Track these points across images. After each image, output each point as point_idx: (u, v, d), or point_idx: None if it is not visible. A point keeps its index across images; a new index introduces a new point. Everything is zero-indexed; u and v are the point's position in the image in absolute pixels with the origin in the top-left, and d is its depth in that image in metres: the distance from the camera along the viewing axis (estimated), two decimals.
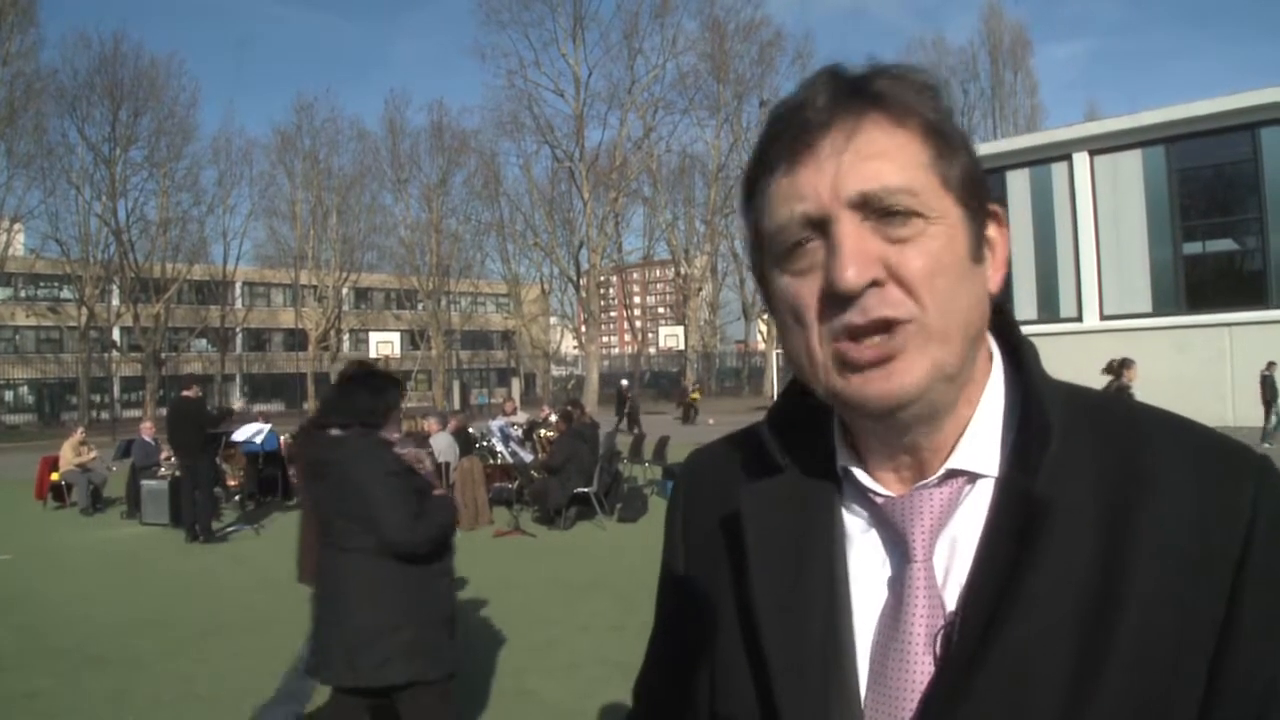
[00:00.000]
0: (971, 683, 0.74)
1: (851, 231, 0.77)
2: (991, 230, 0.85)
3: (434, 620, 3.85)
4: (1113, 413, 0.84)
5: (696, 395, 37.70)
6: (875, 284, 0.76)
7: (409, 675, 3.71)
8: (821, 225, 0.78)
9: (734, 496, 0.94)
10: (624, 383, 34.47)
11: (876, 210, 0.77)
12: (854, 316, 0.76)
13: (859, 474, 0.87)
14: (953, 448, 0.83)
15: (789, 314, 0.83)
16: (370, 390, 3.92)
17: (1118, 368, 9.94)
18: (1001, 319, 0.90)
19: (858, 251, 0.76)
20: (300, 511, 5.18)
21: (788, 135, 0.81)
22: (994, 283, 0.85)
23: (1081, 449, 0.79)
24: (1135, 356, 10.13)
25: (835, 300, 0.77)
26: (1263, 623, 0.73)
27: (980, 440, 0.83)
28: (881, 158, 0.78)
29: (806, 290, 0.80)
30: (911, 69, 0.84)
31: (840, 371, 0.79)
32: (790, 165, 0.80)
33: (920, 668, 0.79)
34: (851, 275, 0.75)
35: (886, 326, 0.76)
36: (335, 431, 3.84)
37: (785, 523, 0.89)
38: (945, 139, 0.81)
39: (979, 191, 0.82)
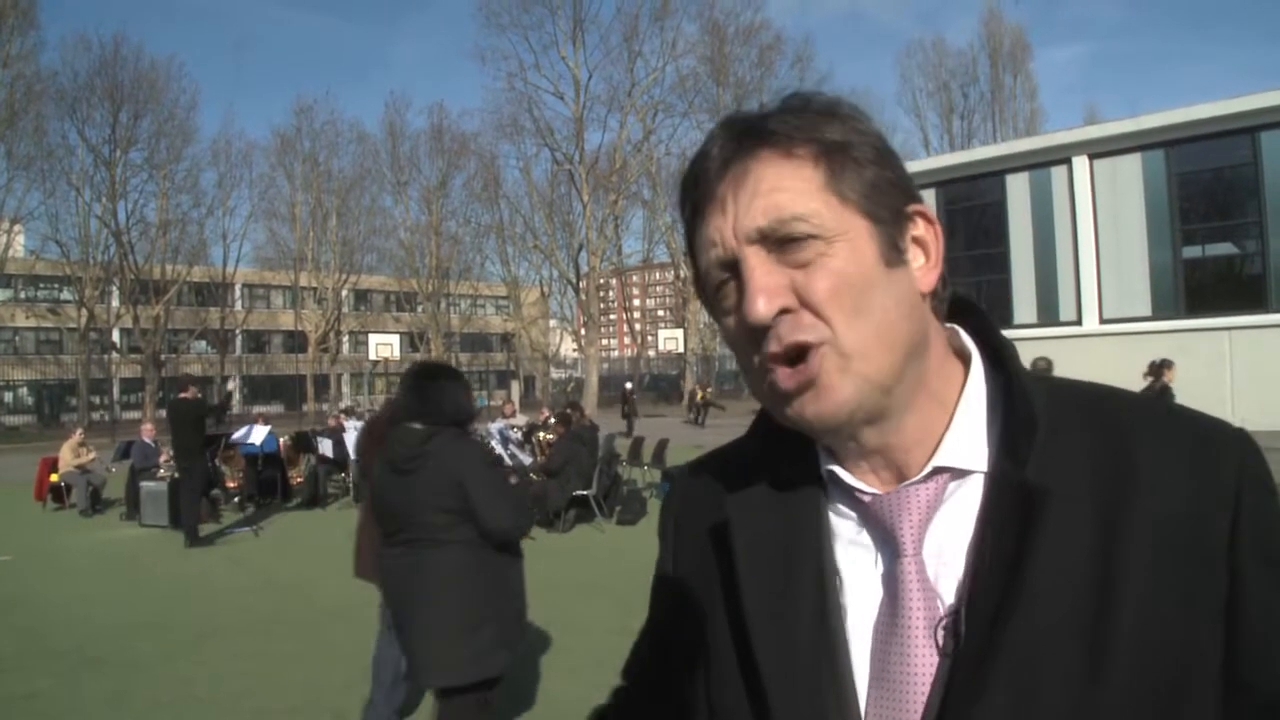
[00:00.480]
0: (985, 674, 0.75)
1: (756, 266, 0.81)
2: (919, 230, 0.87)
3: (513, 611, 3.89)
4: (1096, 401, 0.86)
5: (710, 398, 36.36)
6: (786, 311, 0.80)
7: (499, 668, 3.74)
8: (733, 266, 0.83)
9: (723, 506, 0.95)
10: (628, 385, 34.55)
11: (776, 241, 0.81)
12: (771, 345, 0.81)
13: (844, 475, 0.88)
14: (936, 445, 0.85)
15: (733, 349, 0.87)
16: (460, 387, 3.99)
17: (1158, 368, 9.93)
18: (977, 319, 0.92)
19: (763, 285, 0.80)
20: (361, 508, 5.32)
21: (695, 190, 0.87)
22: (925, 283, 0.87)
23: (1070, 439, 0.81)
24: (1135, 360, 10.14)
25: (756, 333, 0.81)
26: (1265, 594, 0.76)
27: (965, 437, 0.85)
28: (773, 192, 0.82)
29: (736, 327, 0.84)
30: (814, 96, 0.87)
31: (779, 401, 0.83)
32: (702, 216, 0.86)
33: (922, 660, 0.80)
34: (759, 307, 0.80)
35: (803, 351, 0.80)
36: (420, 426, 3.82)
37: (772, 528, 0.91)
38: (842, 155, 0.83)
39: (888, 199, 0.84)
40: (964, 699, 0.75)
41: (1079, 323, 21.23)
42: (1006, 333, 0.89)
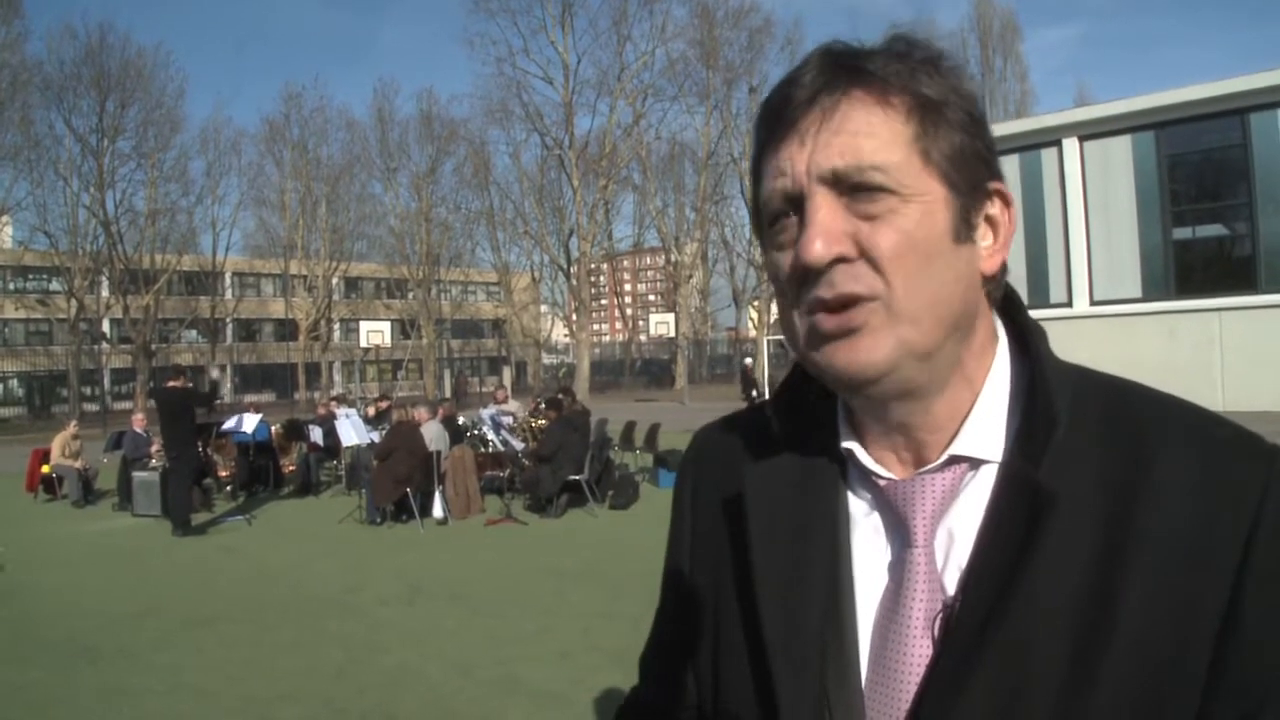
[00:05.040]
0: (972, 668, 0.74)
1: (822, 206, 0.78)
2: (994, 209, 0.84)
3: None
4: (1123, 399, 0.82)
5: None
6: (843, 260, 0.77)
7: None
8: (798, 201, 0.79)
9: (739, 477, 0.94)
10: (747, 361, 33.87)
11: (848, 186, 0.77)
12: (822, 291, 0.78)
13: (861, 456, 0.87)
14: (955, 432, 0.83)
15: (776, 285, 0.84)
16: None
17: None
18: (1009, 302, 0.89)
19: (825, 228, 0.77)
20: None
21: (775, 114, 0.83)
22: (989, 264, 0.84)
23: (1088, 438, 0.78)
24: (1125, 342, 10.13)
25: (807, 274, 0.78)
26: (1265, 616, 0.72)
27: (984, 426, 0.83)
28: (858, 135, 0.78)
29: (786, 264, 0.81)
30: (919, 44, 0.83)
31: (812, 342, 0.80)
32: (775, 143, 0.82)
33: (918, 650, 0.79)
34: (817, 250, 0.76)
35: (854, 302, 0.77)
36: None
37: (788, 503, 0.89)
38: (936, 115, 0.79)
39: (972, 170, 0.81)
40: (947, 693, 0.75)
41: (1069, 304, 21.25)
42: None
